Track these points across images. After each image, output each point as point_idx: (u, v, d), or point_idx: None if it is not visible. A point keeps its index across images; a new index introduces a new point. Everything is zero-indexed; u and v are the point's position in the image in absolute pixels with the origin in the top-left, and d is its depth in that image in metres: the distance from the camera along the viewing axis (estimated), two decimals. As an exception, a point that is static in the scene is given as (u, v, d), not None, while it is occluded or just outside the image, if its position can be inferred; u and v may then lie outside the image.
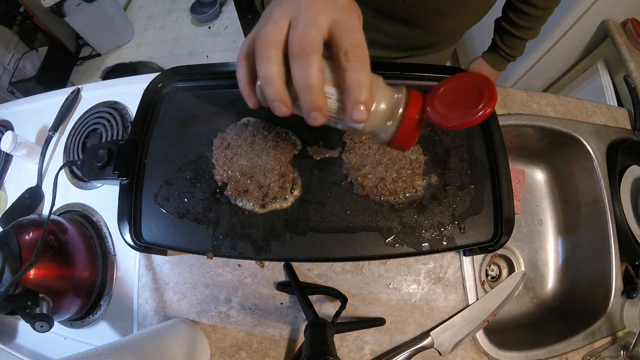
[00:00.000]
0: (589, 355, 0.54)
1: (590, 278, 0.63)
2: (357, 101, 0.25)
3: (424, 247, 0.42)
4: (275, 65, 0.25)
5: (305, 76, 0.25)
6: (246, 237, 0.43)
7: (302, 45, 0.24)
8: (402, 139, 0.29)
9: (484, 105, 0.26)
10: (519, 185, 0.70)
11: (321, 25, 0.25)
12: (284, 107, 0.27)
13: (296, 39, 0.25)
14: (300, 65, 0.25)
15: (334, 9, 0.26)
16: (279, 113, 0.27)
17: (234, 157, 0.44)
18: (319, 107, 0.26)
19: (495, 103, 0.26)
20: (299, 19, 0.25)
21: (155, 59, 2.27)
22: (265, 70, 0.26)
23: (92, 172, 0.47)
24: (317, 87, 0.25)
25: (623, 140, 0.65)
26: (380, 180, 0.43)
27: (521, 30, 0.64)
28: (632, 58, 0.93)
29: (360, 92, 0.25)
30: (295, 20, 0.25)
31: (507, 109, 0.64)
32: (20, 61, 2.11)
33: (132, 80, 0.69)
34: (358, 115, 0.26)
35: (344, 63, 0.25)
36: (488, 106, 0.26)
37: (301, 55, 0.24)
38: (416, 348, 0.49)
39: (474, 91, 0.27)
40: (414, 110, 0.28)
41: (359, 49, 0.25)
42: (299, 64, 0.25)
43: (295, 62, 0.25)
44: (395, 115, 0.28)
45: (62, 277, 0.49)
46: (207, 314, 0.52)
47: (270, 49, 0.25)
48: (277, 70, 0.26)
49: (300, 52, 0.24)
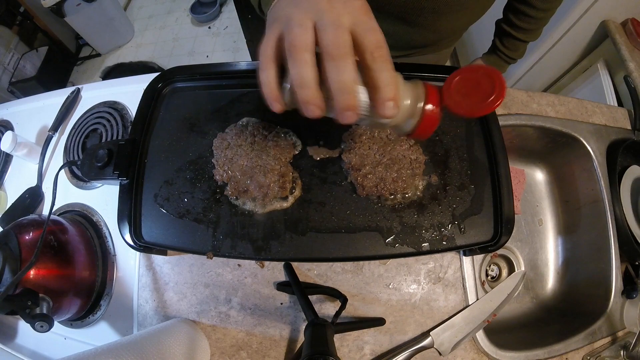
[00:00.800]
0: (589, 355, 0.54)
1: (590, 278, 0.63)
2: (387, 98, 0.27)
3: (424, 247, 0.42)
4: (311, 68, 0.26)
5: (342, 78, 0.25)
6: (246, 237, 0.43)
7: (338, 48, 0.25)
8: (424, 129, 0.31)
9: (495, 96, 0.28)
10: (519, 185, 0.70)
11: (347, 27, 0.26)
12: (317, 110, 0.27)
13: (331, 41, 0.25)
14: (336, 68, 0.25)
15: (353, 10, 0.27)
16: (311, 115, 0.28)
17: (234, 157, 0.44)
18: (354, 106, 0.27)
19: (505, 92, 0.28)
20: (324, 21, 0.26)
21: (155, 59, 2.27)
22: (300, 73, 0.26)
23: (92, 172, 0.47)
24: (352, 88, 0.26)
25: (623, 140, 0.65)
26: (380, 180, 0.43)
27: (521, 32, 0.64)
28: (632, 58, 0.93)
29: (389, 90, 0.26)
30: (321, 23, 0.26)
31: (507, 109, 0.64)
32: (20, 61, 2.11)
33: (132, 80, 0.69)
34: (389, 111, 0.27)
35: (370, 63, 0.26)
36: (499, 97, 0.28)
37: (337, 58, 0.25)
38: (416, 348, 0.49)
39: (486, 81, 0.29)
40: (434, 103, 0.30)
41: (382, 49, 0.26)
42: (335, 66, 0.25)
43: (331, 64, 0.26)
44: (417, 108, 0.30)
45: (62, 277, 0.49)
46: (207, 314, 0.52)
47: (305, 52, 0.26)
48: (313, 73, 0.26)
49: (337, 55, 0.25)
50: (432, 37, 0.61)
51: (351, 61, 0.25)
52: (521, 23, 0.63)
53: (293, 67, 0.26)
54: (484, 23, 0.69)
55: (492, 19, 0.68)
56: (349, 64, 0.25)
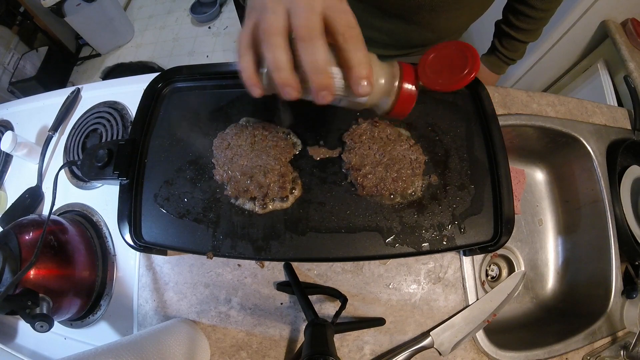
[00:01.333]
0: (589, 355, 0.54)
1: (590, 278, 0.63)
2: (359, 77, 0.28)
3: (424, 247, 0.42)
4: (284, 51, 0.27)
5: (314, 59, 0.26)
6: (246, 237, 0.43)
7: (308, 30, 0.26)
8: (401, 107, 0.33)
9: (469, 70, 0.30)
10: (519, 185, 0.70)
11: (318, 10, 0.27)
12: (294, 91, 0.28)
13: (301, 25, 0.26)
14: (308, 49, 0.26)
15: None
16: (289, 97, 0.29)
17: (234, 157, 0.44)
18: (327, 86, 0.28)
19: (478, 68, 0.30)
20: (295, 6, 0.27)
21: (155, 59, 2.27)
22: (275, 57, 0.27)
23: (92, 172, 0.47)
24: (325, 68, 0.27)
25: (623, 140, 0.65)
26: (380, 180, 0.43)
27: (520, 33, 0.64)
28: (632, 58, 0.93)
29: (362, 68, 0.28)
30: (293, 8, 0.27)
31: (507, 109, 0.64)
32: (20, 61, 2.11)
33: (132, 80, 0.69)
34: (363, 89, 0.28)
35: (342, 44, 0.27)
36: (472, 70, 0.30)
37: (308, 39, 0.26)
38: (416, 348, 0.49)
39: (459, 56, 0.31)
40: (409, 80, 0.31)
41: (354, 29, 0.28)
42: (307, 47, 0.26)
43: (303, 46, 0.26)
44: (393, 86, 0.32)
45: (62, 277, 0.49)
46: (207, 314, 0.52)
47: (277, 36, 0.27)
48: (286, 56, 0.27)
49: (308, 36, 0.26)
50: (431, 36, 0.61)
51: (322, 42, 0.26)
52: (520, 24, 0.62)
53: (267, 51, 0.27)
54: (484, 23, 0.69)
55: (493, 19, 0.68)
56: (320, 45, 0.26)
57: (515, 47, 0.67)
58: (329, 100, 0.29)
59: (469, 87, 0.49)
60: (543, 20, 0.62)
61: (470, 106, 0.48)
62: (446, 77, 0.31)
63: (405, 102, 0.32)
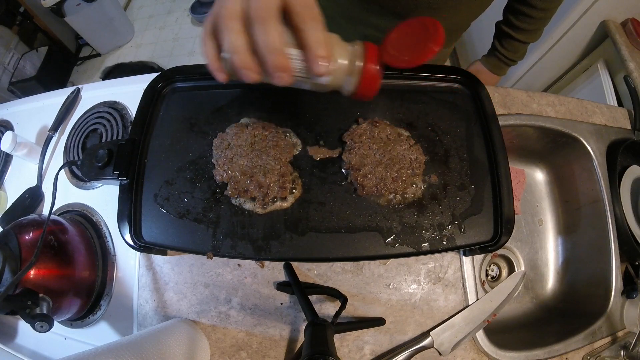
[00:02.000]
0: (589, 355, 0.54)
1: (590, 278, 0.63)
2: (316, 56, 0.28)
3: (424, 247, 0.42)
4: (238, 35, 0.27)
5: (266, 39, 0.26)
6: (246, 237, 0.43)
7: (259, 12, 0.26)
8: (365, 88, 0.32)
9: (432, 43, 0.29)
10: (519, 185, 0.70)
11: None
12: (253, 73, 0.28)
13: (254, 7, 0.26)
14: (260, 30, 0.27)
15: None
16: (249, 79, 0.29)
17: (234, 157, 0.44)
18: (283, 66, 0.28)
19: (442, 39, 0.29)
20: None
21: (155, 59, 2.27)
22: (230, 41, 0.27)
23: (92, 172, 0.47)
24: (278, 47, 0.27)
25: (623, 140, 0.65)
26: (380, 180, 0.43)
27: (521, 33, 0.64)
28: (632, 58, 0.93)
29: (318, 47, 0.28)
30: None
31: (507, 109, 0.64)
32: (20, 61, 2.11)
33: (132, 80, 0.69)
34: (319, 68, 0.28)
35: (298, 24, 0.27)
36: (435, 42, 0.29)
37: (260, 20, 0.26)
38: (416, 348, 0.49)
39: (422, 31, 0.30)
40: (372, 60, 0.31)
41: (311, 9, 0.28)
42: (259, 29, 0.27)
43: (256, 28, 0.27)
44: (355, 66, 0.31)
45: (62, 277, 0.49)
46: (207, 314, 0.52)
47: (231, 20, 0.27)
48: (241, 40, 0.27)
49: (259, 18, 0.26)
50: None
51: (275, 22, 0.26)
52: (521, 24, 0.62)
53: (223, 36, 0.28)
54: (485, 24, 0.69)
55: (494, 20, 0.68)
56: (273, 25, 0.26)
57: (516, 48, 0.67)
58: (287, 82, 0.29)
59: (469, 87, 0.49)
60: (543, 20, 0.62)
61: (470, 106, 0.48)
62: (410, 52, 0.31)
63: (369, 82, 0.32)
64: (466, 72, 0.50)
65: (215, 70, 0.31)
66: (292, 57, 0.29)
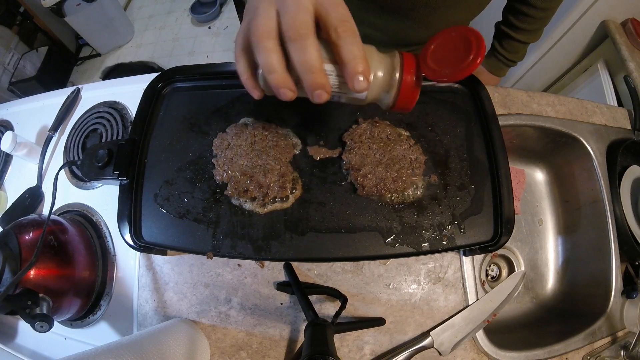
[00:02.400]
0: (589, 355, 0.54)
1: (590, 278, 0.63)
2: (355, 72, 0.27)
3: (424, 247, 0.42)
4: (274, 54, 0.27)
5: (304, 59, 0.26)
6: (246, 237, 0.43)
7: (296, 30, 0.26)
8: (404, 101, 0.31)
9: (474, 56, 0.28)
10: (519, 185, 0.70)
11: (307, 7, 0.26)
12: (289, 92, 0.28)
13: (289, 25, 0.26)
14: (298, 49, 0.26)
15: None
16: (285, 98, 0.28)
17: (234, 157, 0.44)
18: (322, 85, 0.27)
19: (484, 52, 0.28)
20: (284, 5, 0.26)
21: (155, 59, 2.27)
22: (265, 60, 0.27)
23: (92, 172, 0.47)
24: (317, 66, 0.26)
25: (623, 140, 0.65)
26: (380, 180, 0.43)
27: (520, 33, 0.64)
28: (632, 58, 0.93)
29: (357, 63, 0.27)
30: (282, 8, 0.26)
31: (507, 109, 0.64)
32: (20, 61, 2.11)
33: (132, 80, 0.69)
34: (359, 85, 0.27)
35: (335, 39, 0.27)
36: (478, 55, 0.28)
37: (297, 39, 0.26)
38: (416, 348, 0.49)
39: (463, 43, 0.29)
40: (410, 72, 0.30)
41: (347, 23, 0.27)
42: (297, 48, 0.26)
43: (292, 46, 0.26)
44: (393, 79, 0.30)
45: (62, 277, 0.49)
46: (207, 314, 0.52)
47: (267, 39, 0.26)
48: (277, 58, 0.27)
49: (296, 36, 0.26)
50: (427, 33, 0.61)
51: (311, 40, 0.26)
52: (520, 24, 0.62)
53: (258, 55, 0.27)
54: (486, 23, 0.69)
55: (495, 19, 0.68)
56: (309, 43, 0.26)
57: (516, 49, 0.67)
58: (325, 99, 0.28)
59: (469, 87, 0.49)
60: (543, 20, 0.62)
61: (470, 106, 0.48)
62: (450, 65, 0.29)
63: (408, 95, 0.31)
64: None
65: (250, 88, 0.30)
66: (330, 73, 0.28)
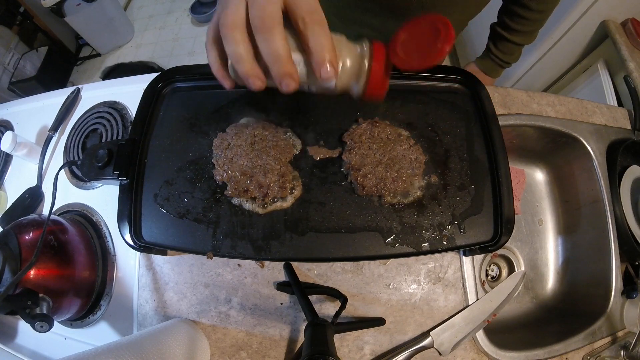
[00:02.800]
0: (589, 355, 0.54)
1: (590, 278, 0.63)
2: (322, 61, 0.27)
3: (424, 247, 0.42)
4: (242, 44, 0.27)
5: (271, 48, 0.26)
6: (246, 237, 0.43)
7: (263, 20, 0.26)
8: (373, 89, 0.31)
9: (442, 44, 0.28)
10: (519, 185, 0.70)
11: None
12: (258, 81, 0.28)
13: (256, 16, 0.26)
14: (264, 39, 0.26)
15: None
16: (254, 87, 0.29)
17: (234, 157, 0.44)
18: (289, 73, 0.27)
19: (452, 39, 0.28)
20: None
21: (155, 59, 2.27)
22: (234, 50, 0.27)
23: (92, 172, 0.47)
24: (284, 55, 0.27)
25: (623, 140, 0.65)
26: (380, 180, 0.43)
27: (515, 35, 0.63)
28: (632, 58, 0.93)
29: (324, 52, 0.27)
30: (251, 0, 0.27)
31: (507, 109, 0.64)
32: (20, 61, 2.11)
33: (132, 80, 0.69)
34: (325, 74, 0.28)
35: (302, 29, 0.27)
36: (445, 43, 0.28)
37: (264, 29, 0.26)
38: (416, 348, 0.49)
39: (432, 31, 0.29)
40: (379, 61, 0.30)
41: (315, 13, 0.27)
42: (264, 38, 0.26)
43: (259, 37, 0.26)
44: (362, 68, 0.31)
45: (62, 277, 0.49)
46: (207, 314, 0.52)
47: (234, 30, 0.27)
48: (245, 48, 0.27)
49: (263, 27, 0.26)
50: None
51: (278, 30, 0.26)
52: (516, 25, 0.62)
53: (227, 45, 0.27)
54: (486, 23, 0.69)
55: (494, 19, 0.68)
56: (276, 33, 0.26)
57: (511, 50, 0.66)
58: (293, 88, 0.28)
59: (469, 87, 0.49)
60: (539, 22, 0.62)
61: (470, 106, 0.48)
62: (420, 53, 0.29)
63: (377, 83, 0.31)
64: (466, 72, 0.50)
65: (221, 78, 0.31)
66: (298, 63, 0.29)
